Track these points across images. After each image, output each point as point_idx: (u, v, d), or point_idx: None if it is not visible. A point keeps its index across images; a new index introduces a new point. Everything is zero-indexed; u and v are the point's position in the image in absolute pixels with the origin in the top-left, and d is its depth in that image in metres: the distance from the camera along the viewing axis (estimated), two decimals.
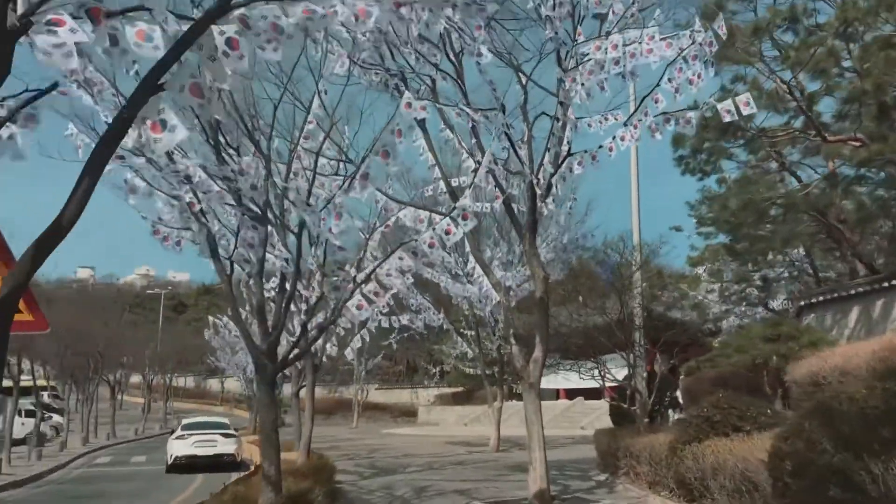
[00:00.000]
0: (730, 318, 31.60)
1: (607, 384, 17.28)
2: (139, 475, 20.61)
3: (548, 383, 24.36)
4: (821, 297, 17.77)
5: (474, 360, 34.92)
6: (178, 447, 20.48)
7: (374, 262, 10.08)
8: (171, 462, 20.39)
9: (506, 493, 14.03)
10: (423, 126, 12.46)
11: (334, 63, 10.06)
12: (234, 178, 7.83)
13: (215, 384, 67.68)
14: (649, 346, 16.98)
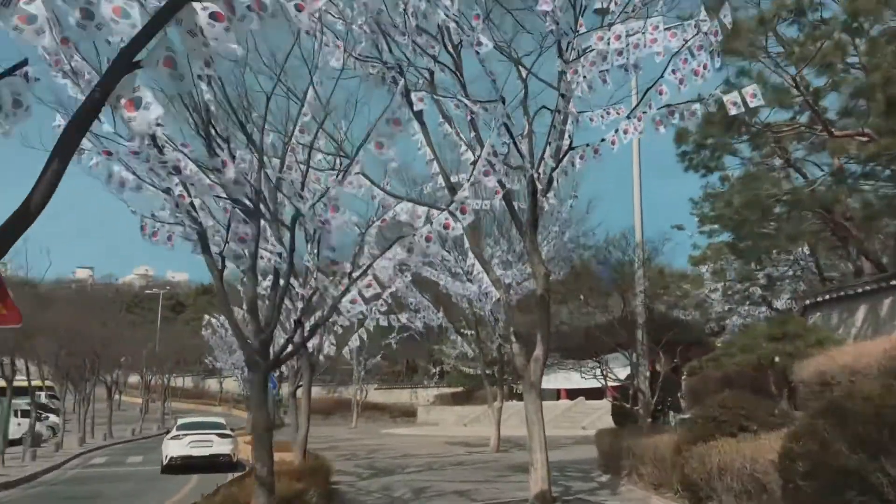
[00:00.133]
0: (733, 318, 31.32)
1: (609, 384, 16.99)
2: (134, 476, 20.33)
3: (548, 383, 24.08)
4: (826, 296, 17.49)
5: (474, 360, 34.68)
6: (173, 448, 20.19)
7: (370, 258, 9.82)
8: (166, 463, 20.11)
9: (506, 495, 13.76)
10: (421, 120, 12.18)
11: (330, 56, 9.80)
12: (223, 169, 7.56)
13: (214, 384, 67.44)
14: (652, 346, 16.70)
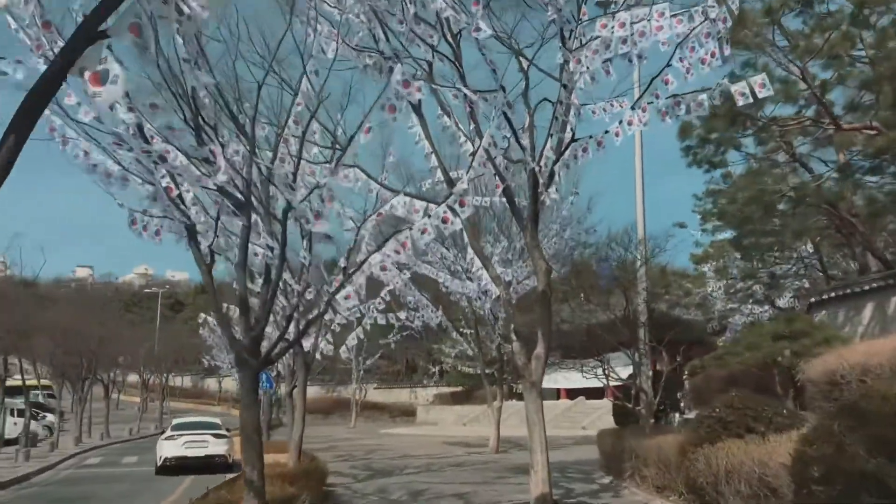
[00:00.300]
0: (735, 317, 31.01)
1: (611, 383, 16.67)
2: (128, 477, 20.02)
3: (548, 383, 23.78)
4: (832, 294, 17.17)
5: (473, 360, 34.38)
6: (167, 448, 19.87)
7: (365, 253, 9.51)
8: (160, 464, 19.79)
9: (506, 497, 13.45)
10: (419, 112, 11.87)
11: (326, 47, 9.49)
12: (213, 159, 7.24)
13: (213, 384, 67.20)
14: (655, 344, 16.37)
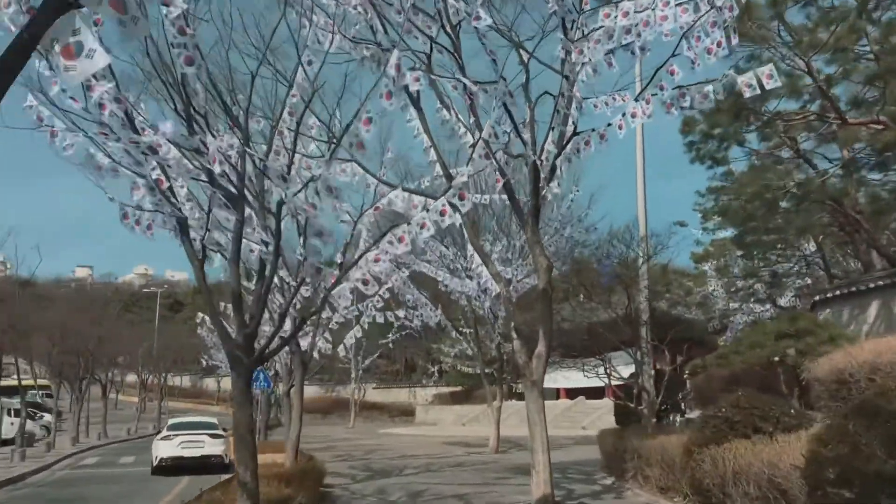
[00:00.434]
0: (736, 316, 30.77)
1: (613, 382, 16.43)
2: (124, 477, 19.76)
3: (548, 382, 23.47)
4: (837, 292, 16.93)
5: (473, 359, 34.15)
6: (163, 448, 19.62)
7: (363, 250, 9.26)
8: (155, 464, 19.53)
9: (507, 499, 13.22)
10: (418, 105, 11.62)
11: (322, 39, 9.24)
12: (203, 149, 6.99)
13: (212, 383, 66.94)
14: (657, 343, 16.13)
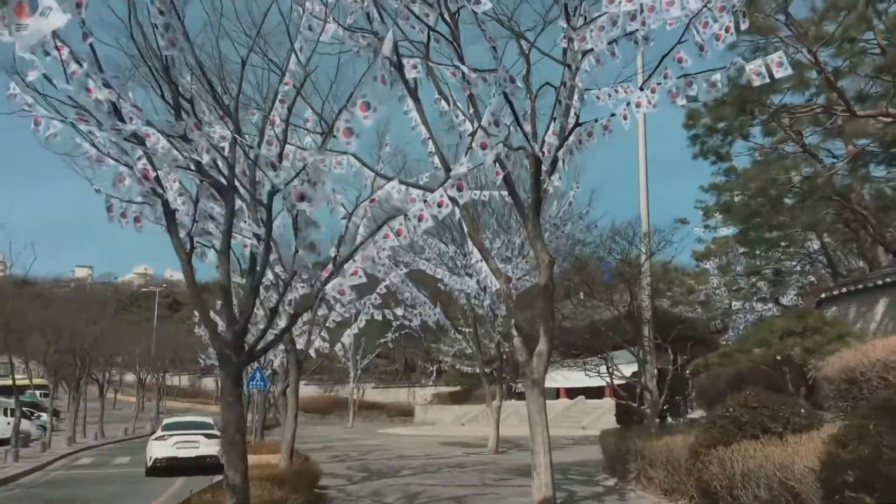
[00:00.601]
0: (738, 314, 30.46)
1: (615, 382, 16.11)
2: (118, 478, 19.45)
3: (548, 382, 23.10)
4: (843, 289, 16.60)
5: (472, 359, 33.87)
6: (157, 449, 19.28)
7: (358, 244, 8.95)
8: (150, 465, 19.19)
9: (506, 501, 12.91)
10: (415, 96, 11.31)
11: (315, 27, 8.93)
12: (192, 137, 6.67)
13: (210, 383, 66.63)
14: (660, 341, 15.80)
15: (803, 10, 16.37)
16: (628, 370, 16.60)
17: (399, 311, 20.34)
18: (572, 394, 38.64)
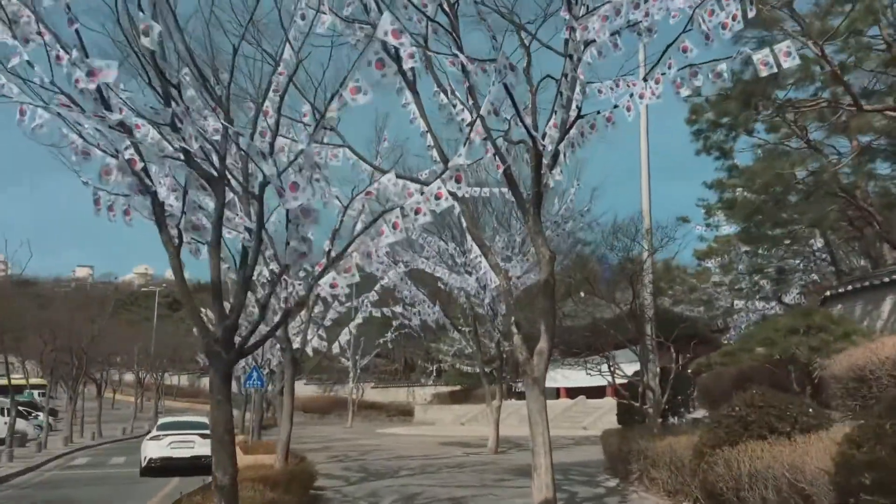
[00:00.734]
0: (740, 313, 30.18)
1: (617, 381, 15.86)
2: (112, 478, 19.20)
3: (548, 382, 22.78)
4: (849, 287, 16.35)
5: (472, 358, 33.62)
6: (152, 449, 19.01)
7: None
8: (144, 465, 18.93)
9: (506, 502, 12.66)
10: (414, 89, 11.06)
11: (310, 17, 8.68)
12: (180, 124, 6.41)
13: (209, 382, 66.45)
14: (662, 340, 15.55)
15: (806, 6, 16.15)
16: (630, 369, 16.37)
17: (398, 309, 20.09)
18: (573, 393, 38.39)
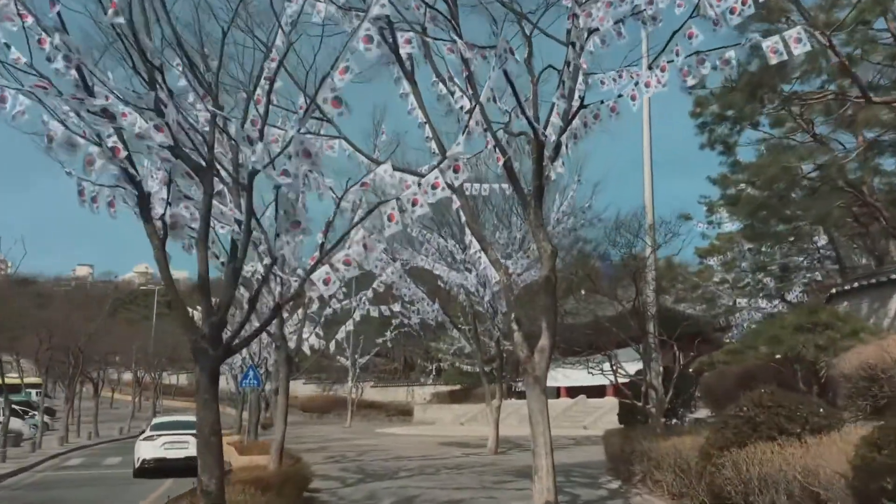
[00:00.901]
0: (743, 312, 29.86)
1: (619, 380, 15.54)
2: (105, 479, 18.88)
3: (549, 381, 22.47)
4: (855, 284, 16.03)
5: (472, 357, 33.30)
6: (145, 449, 18.63)
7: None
8: (137, 466, 18.55)
9: None
10: (412, 79, 10.76)
11: (301, 3, 8.37)
12: (164, 107, 6.10)
13: None
14: (665, 338, 15.24)
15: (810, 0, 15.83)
16: (632, 368, 16.07)
17: (396, 307, 19.77)
18: (573, 393, 38.09)
